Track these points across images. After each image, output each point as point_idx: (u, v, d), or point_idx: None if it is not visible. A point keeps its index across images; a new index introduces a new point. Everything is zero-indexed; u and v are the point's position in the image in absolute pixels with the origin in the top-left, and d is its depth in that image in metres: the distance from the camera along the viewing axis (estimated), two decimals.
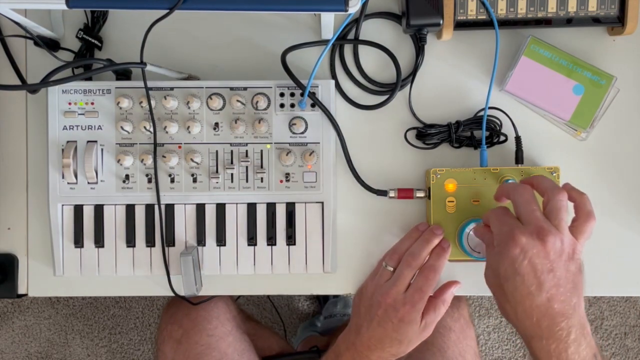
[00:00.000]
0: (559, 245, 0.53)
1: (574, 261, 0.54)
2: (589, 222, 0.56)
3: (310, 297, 1.51)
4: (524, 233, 0.54)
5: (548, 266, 0.53)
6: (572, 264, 0.54)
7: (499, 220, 0.57)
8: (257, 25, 0.70)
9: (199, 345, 0.76)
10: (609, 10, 0.66)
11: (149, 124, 0.66)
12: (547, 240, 0.53)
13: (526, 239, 0.53)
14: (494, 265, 0.56)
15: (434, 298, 0.64)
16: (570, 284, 0.53)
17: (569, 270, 0.53)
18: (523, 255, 0.53)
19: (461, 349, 0.81)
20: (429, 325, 0.62)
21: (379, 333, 0.62)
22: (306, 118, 0.67)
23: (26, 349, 1.53)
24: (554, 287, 0.53)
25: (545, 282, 0.53)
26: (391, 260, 0.64)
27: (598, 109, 0.67)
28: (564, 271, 0.53)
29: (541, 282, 0.53)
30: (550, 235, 0.53)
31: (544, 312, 0.53)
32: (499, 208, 0.59)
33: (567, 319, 0.53)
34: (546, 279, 0.53)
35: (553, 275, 0.53)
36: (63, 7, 0.53)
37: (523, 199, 0.57)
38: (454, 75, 0.70)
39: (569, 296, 0.53)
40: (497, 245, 0.56)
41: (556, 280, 0.53)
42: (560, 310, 0.53)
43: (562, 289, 0.53)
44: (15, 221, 0.70)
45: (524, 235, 0.53)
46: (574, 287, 0.53)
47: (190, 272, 0.65)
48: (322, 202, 0.68)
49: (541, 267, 0.53)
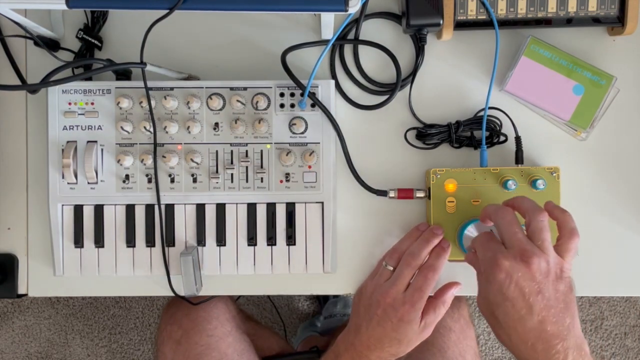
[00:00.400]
0: (545, 266, 0.53)
1: (562, 280, 0.53)
2: (573, 239, 0.56)
3: (310, 297, 1.51)
4: (507, 257, 0.53)
5: (536, 288, 0.52)
6: (561, 284, 0.53)
7: (483, 246, 0.57)
8: (257, 25, 0.70)
9: (198, 346, 0.76)
10: (609, 10, 0.66)
11: (149, 124, 0.66)
12: (531, 262, 0.52)
13: (510, 262, 0.53)
14: (483, 292, 0.56)
15: (434, 299, 0.64)
16: (561, 304, 0.53)
17: (558, 290, 0.53)
18: (509, 280, 0.53)
19: (461, 349, 0.81)
20: (428, 325, 0.62)
21: (378, 333, 0.62)
22: (306, 118, 0.67)
23: (26, 349, 1.53)
24: (544, 309, 0.52)
25: (534, 304, 0.52)
26: (391, 260, 0.64)
27: (598, 109, 0.67)
28: (553, 291, 0.53)
29: (531, 305, 0.52)
30: (534, 257, 0.53)
31: (537, 335, 0.52)
32: (483, 234, 0.59)
33: (562, 340, 0.52)
34: (535, 301, 0.52)
35: (542, 296, 0.52)
36: (63, 7, 0.53)
37: (504, 222, 0.56)
38: (454, 75, 0.70)
39: (561, 317, 0.52)
40: (483, 271, 0.56)
41: (545, 301, 0.52)
42: (554, 332, 0.52)
43: (554, 310, 0.52)
44: (15, 221, 0.70)
45: (507, 260, 0.53)
46: (566, 307, 0.53)
47: (190, 272, 0.65)
48: (322, 202, 0.68)
49: (529, 289, 0.52)
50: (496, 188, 0.66)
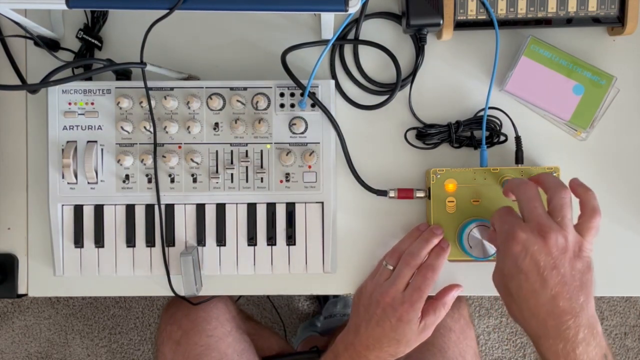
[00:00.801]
0: (562, 242, 0.53)
1: (580, 259, 0.53)
2: (594, 218, 0.55)
3: (310, 297, 1.51)
4: (525, 230, 0.53)
5: (551, 263, 0.52)
6: (579, 262, 0.53)
7: (501, 220, 0.57)
8: (257, 25, 0.70)
9: (198, 346, 0.76)
10: (609, 10, 0.66)
11: (149, 124, 0.66)
12: (548, 236, 0.52)
13: (526, 235, 0.53)
14: (499, 265, 0.56)
15: (435, 300, 0.63)
16: (577, 282, 0.52)
17: (574, 268, 0.52)
18: (525, 252, 0.53)
19: (461, 349, 0.81)
20: (428, 327, 0.62)
21: (378, 332, 0.62)
22: (306, 118, 0.67)
23: (26, 349, 1.53)
24: (558, 284, 0.52)
25: (549, 279, 0.52)
26: (391, 259, 0.64)
27: (598, 109, 0.67)
28: (569, 268, 0.52)
29: (545, 279, 0.52)
30: (551, 232, 0.52)
31: (549, 310, 0.52)
32: (502, 208, 0.59)
33: (574, 317, 0.51)
34: (550, 276, 0.52)
35: (557, 272, 0.52)
36: (63, 7, 0.53)
37: (526, 197, 0.56)
38: (454, 75, 0.70)
39: (575, 294, 0.52)
40: (500, 244, 0.56)
41: (560, 277, 0.52)
42: (566, 308, 0.52)
43: (568, 287, 0.52)
44: (15, 221, 0.70)
45: (524, 232, 0.53)
46: (581, 286, 0.52)
47: (190, 272, 0.65)
48: (322, 202, 0.68)
49: (544, 263, 0.52)
50: (496, 188, 0.66)
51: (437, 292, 0.65)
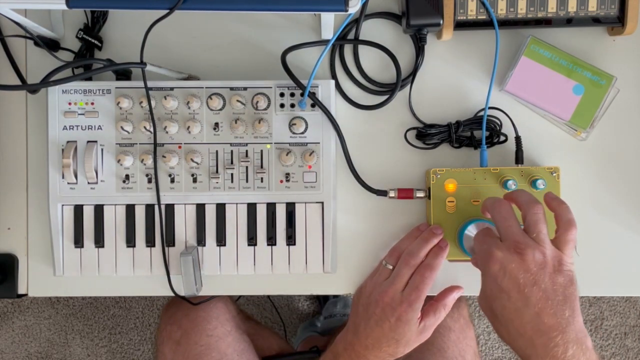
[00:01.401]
0: (540, 258, 0.52)
1: (561, 273, 0.52)
2: (570, 231, 0.55)
3: (310, 297, 1.51)
4: (501, 248, 0.53)
5: (531, 279, 0.52)
6: (560, 276, 0.52)
7: (479, 241, 0.57)
8: (257, 25, 0.70)
9: (198, 346, 0.76)
10: (609, 10, 0.66)
11: (149, 124, 0.66)
12: (525, 253, 0.52)
13: (503, 254, 0.53)
14: (482, 287, 0.56)
15: (435, 302, 0.63)
16: (559, 297, 0.51)
17: (556, 283, 0.52)
18: (503, 271, 0.53)
19: (461, 349, 0.81)
20: (428, 328, 0.62)
21: (377, 332, 0.62)
22: (306, 118, 0.67)
23: (26, 349, 1.53)
24: (540, 300, 0.51)
25: (530, 296, 0.51)
26: (391, 259, 0.64)
27: (598, 109, 0.67)
28: (550, 283, 0.52)
29: (526, 297, 0.51)
30: (527, 248, 0.52)
31: (535, 327, 0.51)
32: (481, 230, 0.59)
33: (561, 333, 0.51)
34: (531, 293, 0.51)
35: (538, 288, 0.51)
36: (63, 7, 0.53)
37: (500, 216, 0.56)
38: (454, 75, 0.70)
39: (559, 308, 0.51)
40: (480, 266, 0.56)
41: (542, 293, 0.51)
42: (552, 324, 0.51)
43: (551, 302, 0.51)
44: (15, 221, 0.70)
45: (500, 251, 0.53)
46: (565, 300, 0.51)
47: (190, 272, 0.65)
48: (322, 202, 0.68)
49: (523, 281, 0.52)
50: (496, 188, 0.66)
51: (438, 294, 0.65)
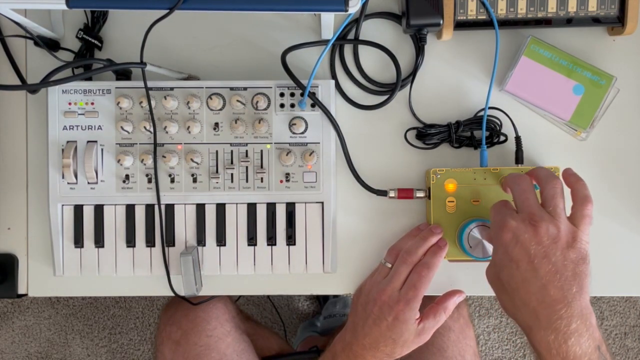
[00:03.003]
0: (554, 232, 0.52)
1: (574, 249, 0.52)
2: (586, 206, 0.55)
3: (310, 297, 1.51)
4: (515, 219, 0.54)
5: (542, 251, 0.52)
6: (572, 252, 0.52)
7: (495, 211, 0.57)
8: (257, 25, 0.70)
9: (197, 346, 0.76)
10: (609, 10, 0.66)
11: (149, 124, 0.66)
12: (539, 225, 0.52)
13: (517, 223, 0.53)
14: (492, 257, 0.56)
15: (436, 305, 0.63)
16: (569, 272, 0.51)
17: (567, 258, 0.52)
18: (515, 241, 0.53)
19: (461, 349, 0.81)
20: (426, 330, 0.62)
21: (375, 332, 0.61)
22: (306, 118, 0.67)
23: (26, 349, 1.53)
24: (549, 273, 0.51)
25: (539, 268, 0.52)
26: (389, 257, 0.64)
27: (598, 109, 0.67)
28: (561, 258, 0.52)
29: (535, 268, 0.52)
30: (542, 221, 0.52)
31: (540, 299, 0.51)
32: (498, 201, 0.59)
33: (565, 306, 0.51)
34: (540, 265, 0.52)
35: (548, 261, 0.52)
36: (63, 7, 0.53)
37: (519, 188, 0.57)
38: (454, 75, 0.70)
39: (567, 283, 0.51)
40: (493, 235, 0.56)
41: (551, 266, 0.51)
42: (558, 297, 0.51)
43: (559, 276, 0.51)
44: (15, 221, 0.70)
45: (515, 220, 0.53)
46: (574, 276, 0.51)
47: (190, 272, 0.65)
48: (322, 202, 0.68)
49: (534, 252, 0.52)
50: (496, 188, 0.66)
51: (438, 298, 0.65)
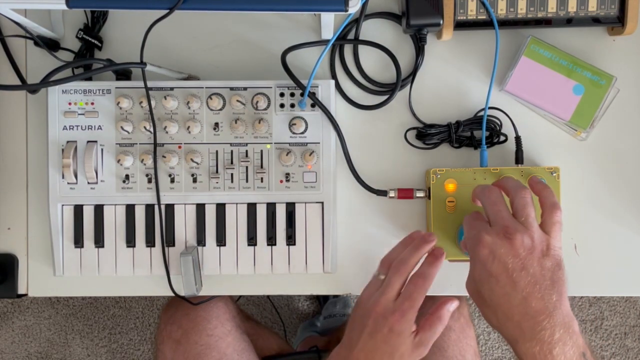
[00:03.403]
0: (529, 242, 0.53)
1: (549, 257, 0.53)
2: (555, 213, 0.55)
3: (310, 297, 1.51)
4: (490, 233, 0.54)
5: (519, 264, 0.52)
6: (547, 260, 0.53)
7: (468, 225, 0.57)
8: (257, 25, 0.70)
9: (198, 345, 0.76)
10: (609, 10, 0.66)
11: (149, 124, 0.66)
12: (514, 237, 0.52)
13: (492, 238, 0.53)
14: (470, 271, 0.56)
15: (430, 315, 0.61)
16: (547, 281, 0.52)
17: (544, 267, 0.52)
18: (492, 256, 0.53)
19: (461, 348, 0.81)
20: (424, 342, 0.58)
21: (370, 345, 0.58)
22: (306, 118, 0.67)
23: (26, 349, 1.52)
24: (529, 284, 0.52)
25: (518, 280, 0.52)
26: (382, 268, 0.62)
27: (598, 109, 0.67)
28: (539, 268, 0.52)
29: (515, 281, 0.52)
30: (516, 233, 0.53)
31: (522, 311, 0.52)
32: (470, 214, 0.59)
33: (548, 316, 0.51)
34: (519, 277, 0.52)
35: (526, 272, 0.52)
36: (63, 7, 0.53)
37: (489, 201, 0.56)
38: (454, 75, 0.70)
39: (547, 293, 0.52)
40: (469, 250, 0.56)
41: (530, 277, 0.52)
42: (540, 308, 0.51)
43: (539, 286, 0.52)
44: (15, 221, 0.70)
45: (490, 236, 0.53)
46: (553, 284, 0.52)
47: (190, 272, 0.65)
48: (322, 202, 0.68)
49: (512, 265, 0.52)
50: None
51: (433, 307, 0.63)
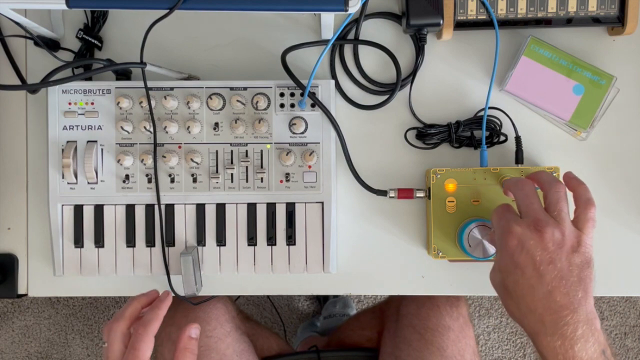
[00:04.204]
0: (559, 237, 0.52)
1: (579, 254, 0.52)
2: (589, 209, 0.55)
3: (310, 297, 1.51)
4: (521, 224, 0.53)
5: (547, 257, 0.52)
6: (577, 257, 0.52)
7: (498, 216, 0.57)
8: (257, 25, 0.70)
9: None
10: (609, 10, 0.66)
11: (149, 124, 0.66)
12: (544, 231, 0.52)
13: (522, 230, 0.53)
14: (496, 262, 0.56)
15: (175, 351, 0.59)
16: (574, 277, 0.51)
17: (572, 263, 0.52)
18: (521, 247, 0.52)
19: (460, 348, 0.81)
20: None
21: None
22: (306, 118, 0.67)
23: (26, 349, 1.52)
24: (555, 279, 0.51)
25: (545, 274, 0.51)
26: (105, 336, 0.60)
27: (598, 109, 0.67)
28: (567, 263, 0.52)
29: (541, 274, 0.52)
30: (547, 226, 0.52)
31: (546, 305, 0.51)
32: (500, 205, 0.58)
33: (571, 312, 0.51)
34: (546, 271, 0.51)
35: (553, 267, 0.52)
36: (63, 7, 0.53)
37: (522, 193, 0.56)
38: (454, 75, 0.70)
39: (573, 289, 0.51)
40: (497, 240, 0.56)
41: (557, 272, 0.51)
42: (564, 303, 0.51)
43: (565, 282, 0.51)
44: (15, 221, 0.70)
45: (520, 227, 0.53)
46: (580, 281, 0.51)
47: (190, 272, 0.65)
48: (322, 202, 0.68)
49: (540, 258, 0.52)
50: (496, 188, 0.66)
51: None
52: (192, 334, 0.60)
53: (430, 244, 0.67)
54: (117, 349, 0.57)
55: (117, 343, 0.57)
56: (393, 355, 0.82)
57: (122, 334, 0.58)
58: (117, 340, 0.57)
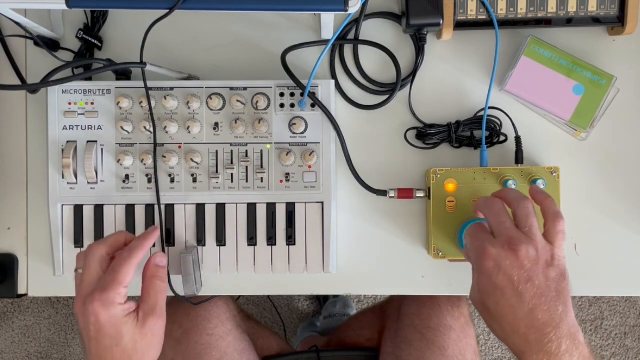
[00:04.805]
0: (533, 253, 0.52)
1: (553, 267, 0.52)
2: (558, 222, 0.55)
3: (310, 297, 1.51)
4: (495, 245, 0.53)
5: (525, 276, 0.52)
6: (552, 271, 0.52)
7: (472, 237, 0.57)
8: (257, 25, 0.70)
9: (198, 345, 0.76)
10: (609, 10, 0.66)
11: (149, 124, 0.66)
12: (518, 249, 0.52)
13: (497, 250, 0.53)
14: (475, 283, 0.56)
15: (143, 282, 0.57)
16: (553, 292, 0.52)
17: (549, 278, 0.52)
18: (497, 269, 0.52)
19: (461, 348, 0.81)
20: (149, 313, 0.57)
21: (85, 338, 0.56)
22: (306, 118, 0.67)
23: (26, 349, 1.53)
24: (535, 297, 0.51)
25: (524, 292, 0.51)
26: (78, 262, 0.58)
27: (598, 109, 0.67)
28: (544, 279, 0.52)
29: (521, 294, 0.51)
30: (521, 244, 0.52)
31: (529, 324, 0.51)
32: (472, 225, 0.58)
33: (554, 329, 0.51)
34: (525, 290, 0.51)
35: (532, 284, 0.51)
36: (63, 7, 0.53)
37: (492, 212, 0.56)
38: (454, 75, 0.70)
39: (553, 305, 0.51)
40: (473, 262, 0.56)
41: (536, 289, 0.51)
42: (546, 320, 0.51)
43: (545, 298, 0.51)
44: (15, 221, 0.70)
45: (494, 247, 0.53)
46: (558, 295, 0.52)
47: (190, 272, 0.65)
48: (322, 202, 0.68)
49: (518, 277, 0.52)
50: (496, 188, 0.66)
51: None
52: (158, 262, 0.58)
53: (430, 244, 0.67)
54: (94, 272, 0.53)
55: (95, 266, 0.54)
56: (394, 355, 0.82)
57: (101, 258, 0.55)
58: (94, 263, 0.54)
